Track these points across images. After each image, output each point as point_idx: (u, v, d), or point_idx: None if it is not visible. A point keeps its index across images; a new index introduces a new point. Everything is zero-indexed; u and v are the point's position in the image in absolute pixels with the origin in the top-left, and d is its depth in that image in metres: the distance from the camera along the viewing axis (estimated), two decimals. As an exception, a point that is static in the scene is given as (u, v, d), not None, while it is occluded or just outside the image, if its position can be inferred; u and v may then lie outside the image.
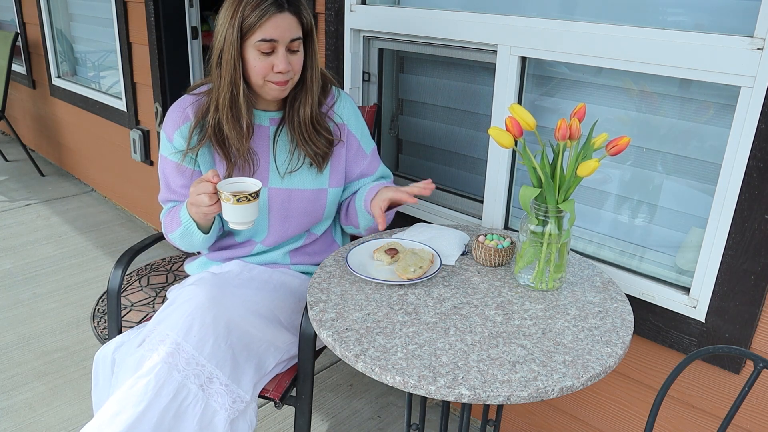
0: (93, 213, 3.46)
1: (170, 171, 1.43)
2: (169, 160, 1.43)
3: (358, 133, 1.53)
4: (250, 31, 1.29)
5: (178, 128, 1.40)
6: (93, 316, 1.61)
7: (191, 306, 1.23)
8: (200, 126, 1.40)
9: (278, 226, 1.47)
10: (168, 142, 1.42)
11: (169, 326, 1.21)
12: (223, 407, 1.22)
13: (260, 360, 1.32)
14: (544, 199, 1.17)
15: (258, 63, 1.31)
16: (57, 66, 3.69)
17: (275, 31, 1.29)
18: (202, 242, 1.41)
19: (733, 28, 1.21)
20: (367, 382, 2.10)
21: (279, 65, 1.31)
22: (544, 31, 1.41)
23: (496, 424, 1.49)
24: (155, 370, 1.16)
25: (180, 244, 1.44)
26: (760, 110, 1.14)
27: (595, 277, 1.30)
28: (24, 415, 1.90)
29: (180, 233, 1.39)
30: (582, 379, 0.97)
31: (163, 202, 1.48)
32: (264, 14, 1.28)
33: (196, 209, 1.29)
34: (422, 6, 1.69)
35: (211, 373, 1.21)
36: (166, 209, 1.47)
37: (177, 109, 1.42)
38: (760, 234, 1.19)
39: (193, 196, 1.26)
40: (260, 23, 1.28)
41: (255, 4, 1.28)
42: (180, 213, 1.37)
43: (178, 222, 1.38)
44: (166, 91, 2.66)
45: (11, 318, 2.41)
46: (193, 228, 1.37)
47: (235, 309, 1.28)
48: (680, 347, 1.36)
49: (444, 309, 1.15)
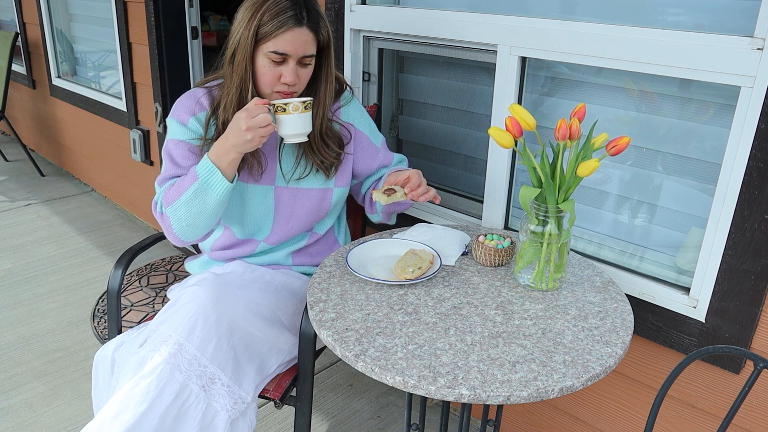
0: (93, 213, 3.46)
1: (181, 152, 1.38)
2: (182, 141, 1.38)
3: (366, 128, 1.53)
4: (264, 39, 1.27)
5: (194, 115, 1.39)
6: (93, 316, 1.62)
7: (194, 306, 1.23)
8: (214, 119, 1.38)
9: (282, 224, 1.47)
10: (181, 125, 1.38)
11: (172, 327, 1.21)
12: (224, 408, 1.22)
13: (262, 361, 1.33)
14: (544, 199, 1.17)
15: (267, 71, 1.30)
16: (57, 66, 3.69)
17: (289, 45, 1.28)
18: (221, 198, 1.30)
19: (733, 28, 1.21)
20: (367, 382, 2.10)
21: (286, 77, 1.30)
22: (544, 31, 1.41)
23: (496, 424, 1.49)
24: (158, 370, 1.16)
25: (182, 217, 1.31)
26: (760, 110, 1.14)
27: (595, 277, 1.30)
28: (24, 415, 1.90)
29: (192, 193, 1.29)
30: (582, 379, 0.97)
31: (166, 179, 1.39)
32: (281, 26, 1.26)
33: (251, 134, 1.21)
34: (422, 6, 1.69)
35: (213, 374, 1.21)
36: (165, 186, 1.38)
37: (190, 98, 1.41)
38: (760, 234, 1.19)
39: (249, 120, 1.21)
40: (276, 34, 1.26)
41: (274, 12, 1.26)
42: (196, 167, 1.30)
43: (192, 177, 1.29)
44: (166, 91, 2.66)
45: (11, 318, 2.41)
46: (215, 176, 1.27)
47: (237, 310, 1.27)
48: (680, 347, 1.36)
49: (444, 309, 1.15)
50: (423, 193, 1.35)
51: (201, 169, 1.28)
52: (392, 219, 1.58)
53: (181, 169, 1.38)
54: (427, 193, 1.36)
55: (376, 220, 1.59)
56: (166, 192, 1.34)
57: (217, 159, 1.27)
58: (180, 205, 1.30)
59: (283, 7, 1.26)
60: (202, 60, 2.71)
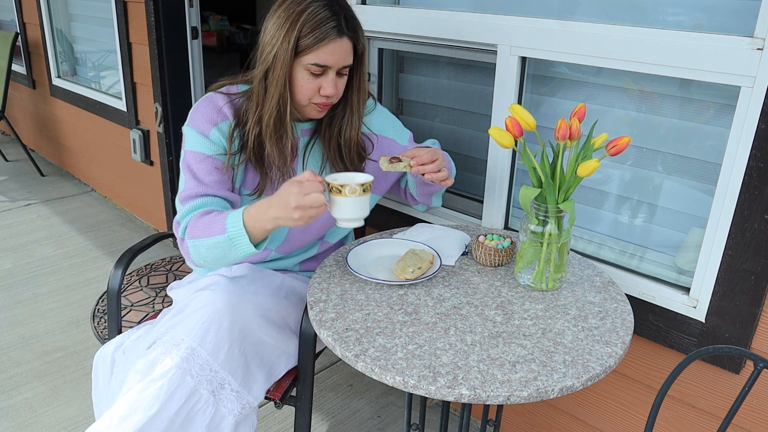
0: (93, 213, 3.45)
1: (203, 166, 1.28)
2: (203, 154, 1.29)
3: (391, 132, 1.50)
4: (305, 52, 1.22)
5: (216, 125, 1.30)
6: (93, 316, 1.62)
7: (208, 311, 1.21)
8: (240, 133, 1.30)
9: (297, 236, 1.45)
10: (202, 137, 1.29)
11: (185, 331, 1.19)
12: (231, 413, 1.22)
13: (271, 367, 1.33)
14: (544, 199, 1.17)
15: (306, 84, 1.25)
16: (57, 66, 3.69)
17: (331, 57, 1.23)
18: (244, 257, 1.22)
19: (733, 28, 1.21)
20: (367, 382, 2.10)
21: (327, 89, 1.26)
22: (544, 31, 1.41)
23: (496, 424, 1.49)
24: (169, 374, 1.15)
25: (203, 255, 1.24)
26: (760, 110, 1.14)
27: (595, 277, 1.30)
28: (24, 415, 1.90)
29: (216, 242, 1.20)
30: (582, 379, 0.97)
31: (190, 198, 1.28)
32: (324, 38, 1.21)
33: (299, 213, 1.10)
34: (422, 6, 1.69)
35: (223, 380, 1.20)
36: (192, 207, 1.27)
37: (210, 105, 1.31)
38: (760, 234, 1.19)
39: (300, 197, 1.09)
40: (317, 46, 1.21)
41: (315, 23, 1.20)
42: (227, 219, 1.19)
43: (220, 228, 1.19)
44: (166, 91, 2.66)
45: (11, 318, 2.41)
46: (242, 240, 1.18)
47: (250, 316, 1.26)
48: (680, 347, 1.36)
49: (444, 309, 1.15)
50: (432, 171, 1.28)
51: (231, 226, 1.18)
52: (434, 201, 1.54)
53: (206, 186, 1.28)
54: (436, 173, 1.29)
55: (422, 210, 1.58)
56: (193, 223, 1.25)
57: (251, 224, 1.17)
58: (202, 245, 1.23)
59: (323, 18, 1.21)
60: (202, 60, 2.71)
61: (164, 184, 2.88)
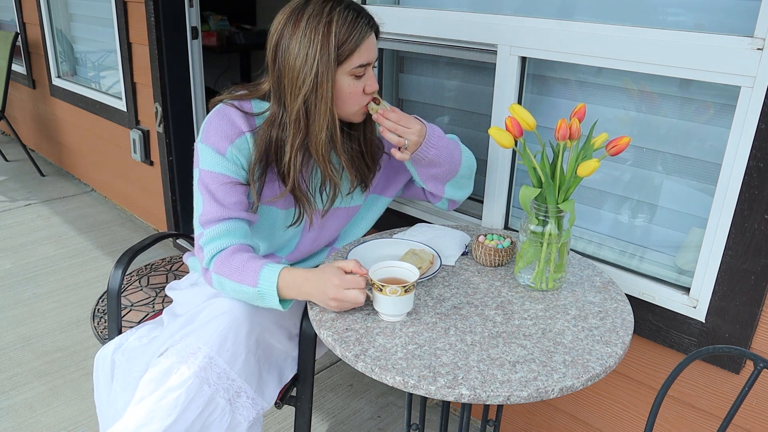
0: (93, 213, 3.46)
1: (224, 189, 1.23)
2: (221, 174, 1.22)
3: None
4: (348, 58, 1.17)
5: (232, 142, 1.22)
6: (93, 316, 1.61)
7: (227, 320, 1.18)
8: (273, 169, 1.26)
9: (308, 243, 1.44)
10: (219, 156, 1.22)
11: (202, 339, 1.17)
12: (246, 420, 1.22)
13: (281, 371, 1.33)
14: (544, 199, 1.17)
15: (353, 89, 1.21)
16: (57, 66, 3.69)
17: (369, 53, 1.20)
18: (267, 308, 1.22)
19: (733, 28, 1.21)
20: (367, 382, 2.10)
21: (372, 85, 1.22)
22: (544, 31, 1.41)
23: (496, 424, 1.49)
24: (187, 384, 1.13)
25: (227, 291, 1.21)
26: (760, 110, 1.14)
27: (595, 277, 1.30)
28: (24, 415, 1.90)
29: (245, 291, 1.18)
30: (582, 379, 0.97)
31: (212, 222, 1.22)
32: (362, 35, 1.17)
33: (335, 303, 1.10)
34: (422, 6, 1.69)
35: (239, 388, 1.20)
36: (216, 233, 1.22)
37: (224, 120, 1.23)
38: (760, 234, 1.19)
39: (340, 291, 1.08)
40: (359, 47, 1.18)
41: (349, 26, 1.16)
42: (262, 271, 1.17)
43: (252, 280, 1.16)
44: (166, 91, 2.66)
45: (11, 318, 2.41)
46: (271, 299, 1.17)
47: (265, 324, 1.26)
48: (680, 347, 1.36)
49: (444, 309, 1.15)
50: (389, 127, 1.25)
51: (264, 283, 1.16)
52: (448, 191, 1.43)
53: (227, 209, 1.23)
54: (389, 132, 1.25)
55: (443, 207, 1.50)
56: (223, 260, 1.20)
57: (284, 290, 1.16)
58: (229, 285, 1.20)
59: (352, 18, 1.17)
60: (202, 60, 2.71)
61: (164, 184, 2.88)
